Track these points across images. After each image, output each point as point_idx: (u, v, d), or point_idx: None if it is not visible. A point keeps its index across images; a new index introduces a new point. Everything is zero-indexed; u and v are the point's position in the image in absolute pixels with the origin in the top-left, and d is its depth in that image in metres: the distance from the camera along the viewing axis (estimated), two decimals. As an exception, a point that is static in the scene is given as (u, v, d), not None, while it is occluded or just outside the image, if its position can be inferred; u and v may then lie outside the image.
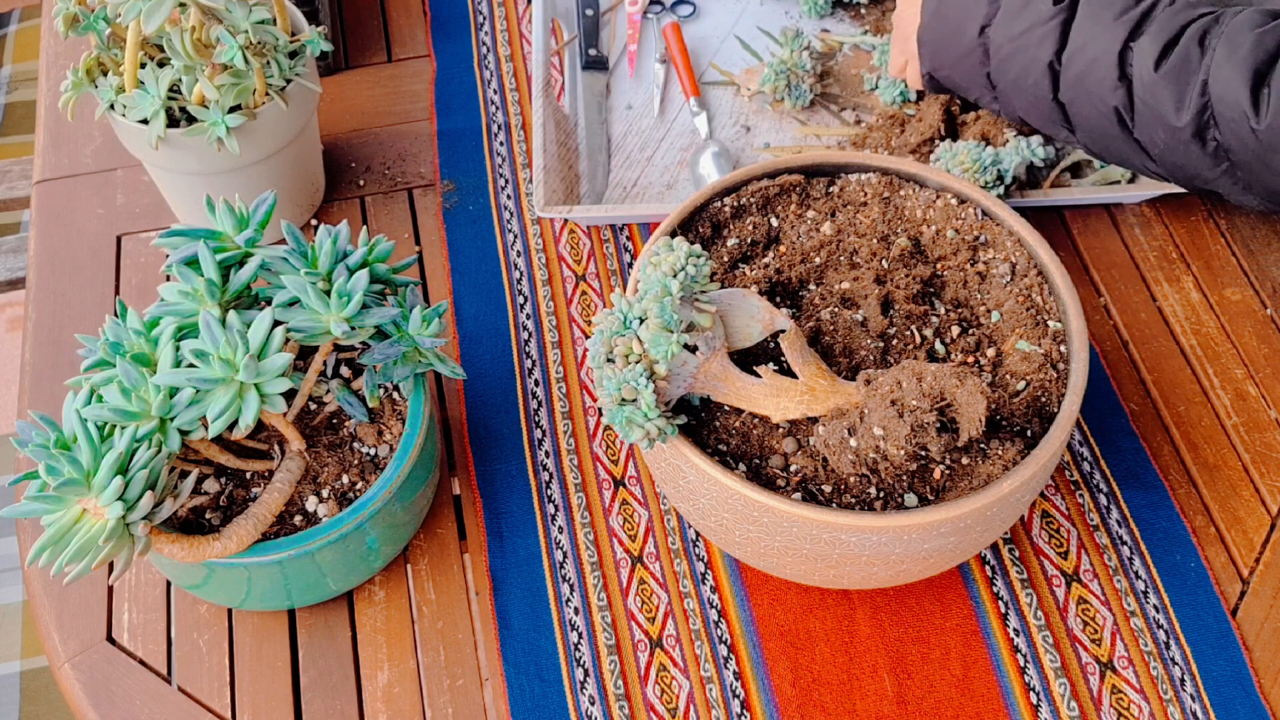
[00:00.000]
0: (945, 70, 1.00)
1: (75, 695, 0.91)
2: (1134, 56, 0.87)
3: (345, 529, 0.84)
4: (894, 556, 0.81)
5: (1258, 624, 0.93)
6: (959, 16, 0.96)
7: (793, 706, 0.89)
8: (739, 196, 0.95)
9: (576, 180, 1.17)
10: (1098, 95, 0.90)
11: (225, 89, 0.97)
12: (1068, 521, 0.97)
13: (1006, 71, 0.95)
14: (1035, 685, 0.89)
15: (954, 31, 0.97)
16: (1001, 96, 0.97)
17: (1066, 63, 0.91)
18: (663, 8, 1.32)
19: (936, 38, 0.99)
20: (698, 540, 0.96)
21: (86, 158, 1.22)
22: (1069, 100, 0.92)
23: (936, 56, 0.99)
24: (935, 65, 1.01)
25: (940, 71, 1.01)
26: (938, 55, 0.99)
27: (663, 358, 0.76)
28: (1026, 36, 0.92)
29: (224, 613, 0.94)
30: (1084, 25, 0.90)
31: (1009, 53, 0.93)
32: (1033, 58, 0.92)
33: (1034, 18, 0.91)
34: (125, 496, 0.74)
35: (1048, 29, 0.91)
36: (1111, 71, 0.88)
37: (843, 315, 0.88)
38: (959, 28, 0.96)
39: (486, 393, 1.05)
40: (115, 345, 0.79)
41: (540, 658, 0.91)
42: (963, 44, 0.96)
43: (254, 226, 0.84)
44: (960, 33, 0.96)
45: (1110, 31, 0.88)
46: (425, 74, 1.29)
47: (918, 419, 0.78)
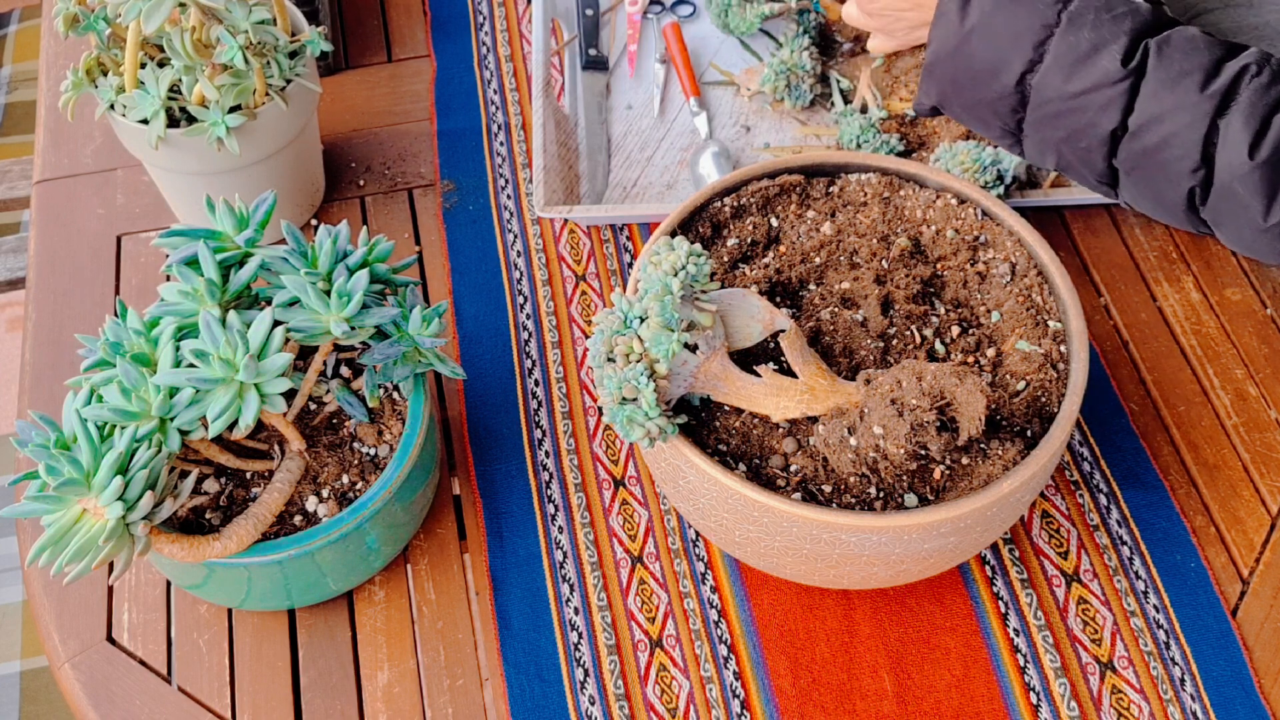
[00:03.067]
0: (958, 108, 0.87)
1: (75, 695, 0.91)
2: (1221, 139, 0.75)
3: (345, 529, 0.84)
4: (894, 556, 0.81)
5: (1258, 624, 0.93)
6: (991, 58, 0.81)
7: (793, 706, 0.89)
8: (739, 196, 0.95)
9: (576, 180, 1.17)
10: (1171, 174, 0.78)
11: (225, 89, 0.97)
12: (1068, 521, 0.97)
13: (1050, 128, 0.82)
14: (1035, 685, 0.89)
15: (983, 73, 0.82)
16: (1030, 145, 0.84)
17: (1135, 132, 0.78)
18: (663, 8, 1.32)
19: (955, 75, 0.84)
20: (698, 540, 0.96)
21: (86, 158, 1.22)
22: (1128, 169, 0.80)
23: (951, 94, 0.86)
24: (945, 100, 0.88)
25: (950, 107, 0.88)
26: (953, 94, 0.86)
27: (663, 356, 0.76)
28: (1087, 98, 0.78)
29: (224, 613, 0.94)
30: (1159, 93, 0.76)
31: (1059, 110, 0.80)
32: (1091, 122, 0.79)
33: (1098, 77, 0.77)
34: (125, 496, 0.74)
35: (1114, 93, 0.77)
36: (1193, 152, 0.76)
37: (843, 315, 0.88)
38: (990, 71, 0.82)
39: (486, 393, 1.05)
40: (115, 345, 0.79)
41: (540, 658, 0.91)
42: (993, 89, 0.82)
43: (254, 226, 0.84)
44: (991, 76, 0.82)
45: (1195, 107, 0.75)
46: (425, 74, 1.29)
47: (917, 418, 0.78)
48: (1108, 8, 0.79)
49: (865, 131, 1.15)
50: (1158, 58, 0.76)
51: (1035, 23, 0.79)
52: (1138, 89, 0.77)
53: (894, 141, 1.15)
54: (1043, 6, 0.80)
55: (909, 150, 1.16)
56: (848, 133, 1.16)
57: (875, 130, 1.15)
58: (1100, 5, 0.79)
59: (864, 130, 1.15)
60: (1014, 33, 0.80)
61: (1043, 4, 0.80)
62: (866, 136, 1.15)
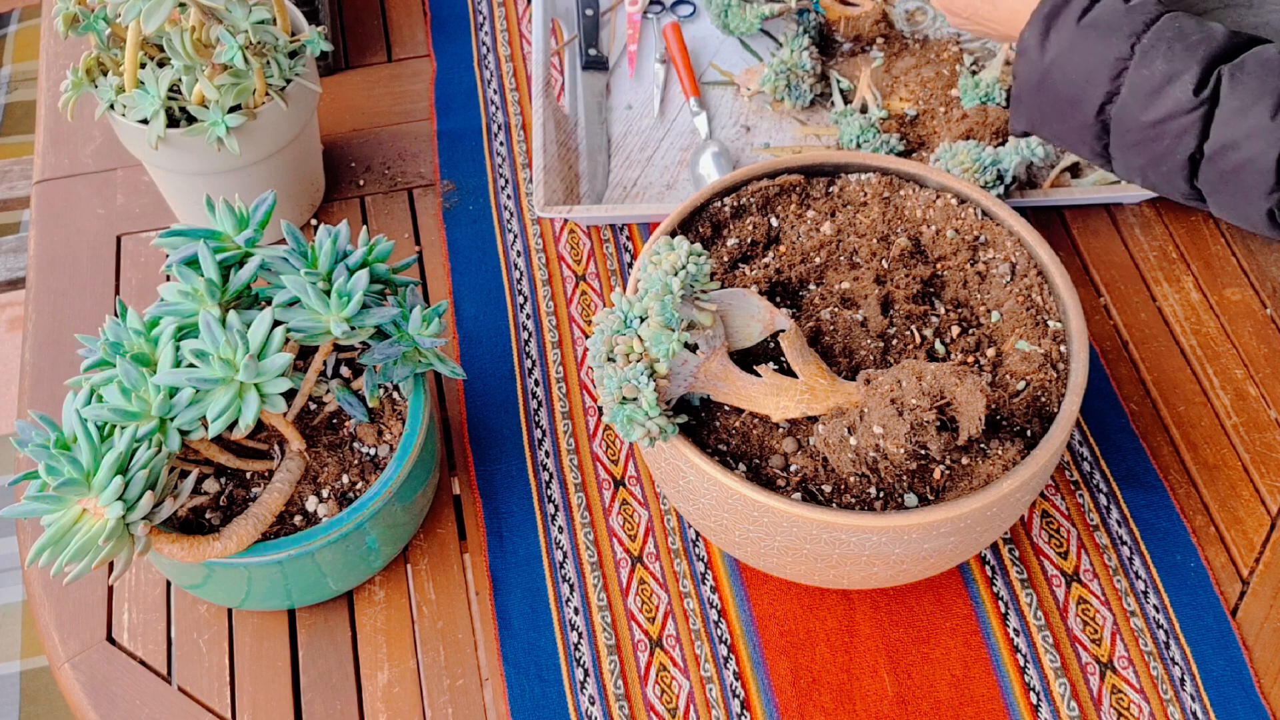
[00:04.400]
0: (1048, 134, 0.89)
1: (75, 695, 0.91)
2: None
3: (345, 529, 0.84)
4: (894, 556, 0.81)
5: (1258, 624, 0.93)
6: (1071, 92, 0.84)
7: (793, 706, 0.89)
8: (739, 196, 0.95)
9: (576, 180, 1.17)
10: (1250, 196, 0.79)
11: (225, 89, 0.97)
12: (1068, 521, 0.97)
13: (1133, 155, 0.83)
14: (1035, 685, 0.89)
15: (1065, 105, 0.85)
16: (1119, 167, 0.86)
17: (1211, 157, 0.79)
18: (663, 8, 1.32)
19: (1041, 106, 0.87)
20: (698, 540, 0.96)
21: (86, 158, 1.22)
22: (1210, 191, 0.82)
23: (1040, 123, 0.89)
24: (1035, 128, 0.90)
25: (1041, 133, 0.90)
26: (1042, 123, 0.88)
27: (663, 356, 0.76)
28: (1163, 127, 0.80)
29: (224, 613, 0.94)
30: (1233, 120, 0.78)
31: (1139, 140, 0.82)
32: (1169, 149, 0.81)
33: (1172, 106, 0.79)
34: (125, 496, 0.74)
35: (1189, 120, 0.79)
36: (1268, 178, 0.78)
37: (843, 315, 0.88)
38: (1072, 103, 0.84)
39: (486, 393, 1.05)
40: (115, 345, 0.79)
41: (540, 658, 0.91)
42: (1076, 119, 0.85)
43: (254, 226, 0.84)
44: (1073, 108, 0.84)
45: (1267, 133, 0.77)
46: (425, 74, 1.29)
47: (917, 417, 0.78)
48: (1180, 36, 0.80)
49: (865, 131, 1.15)
50: (1230, 84, 0.77)
51: (1110, 56, 0.81)
52: (1212, 116, 0.78)
53: (894, 141, 1.15)
54: (1116, 40, 0.81)
55: (909, 150, 1.16)
56: (848, 133, 1.16)
57: (875, 130, 1.15)
58: (1173, 35, 0.80)
59: (864, 130, 1.15)
60: (1090, 67, 0.82)
61: (1117, 37, 0.81)
62: (866, 136, 1.15)
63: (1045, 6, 0.85)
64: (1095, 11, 0.83)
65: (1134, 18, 0.82)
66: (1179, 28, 0.80)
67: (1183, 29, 0.80)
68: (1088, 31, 0.82)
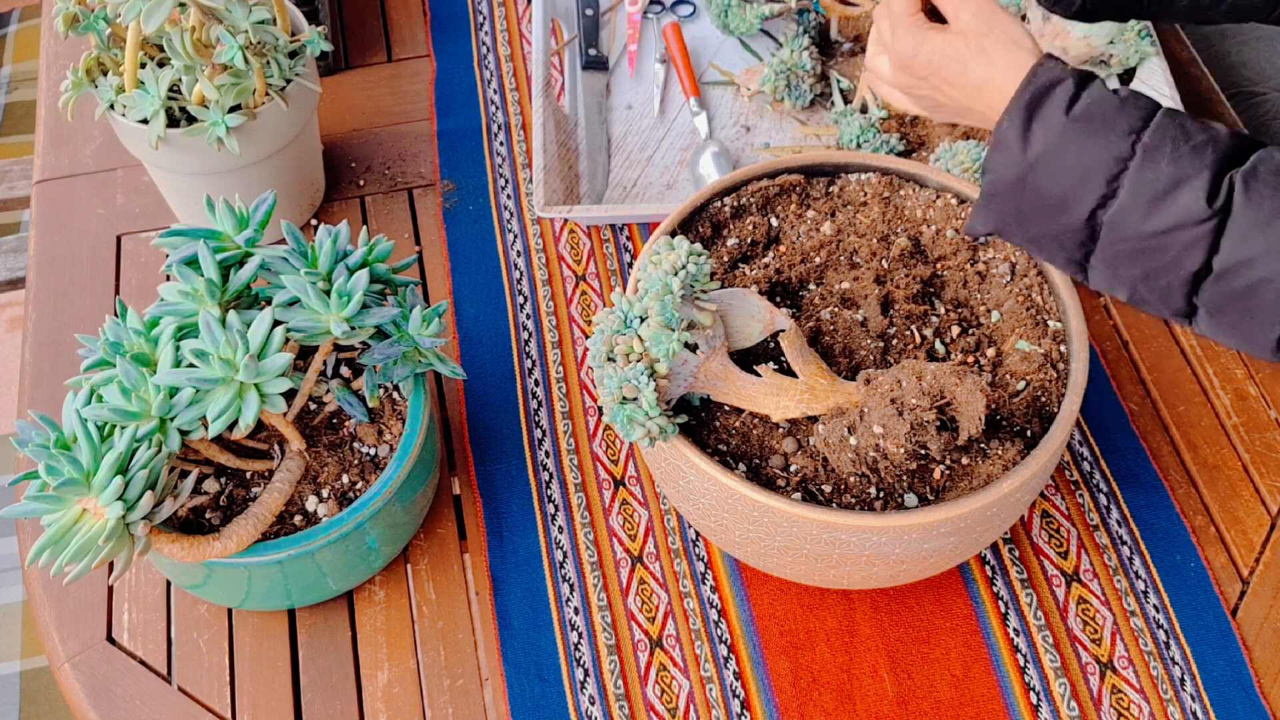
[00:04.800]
0: (1019, 238, 0.78)
1: (75, 695, 0.91)
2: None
3: (345, 529, 0.84)
4: (894, 556, 0.81)
5: (1258, 624, 0.93)
6: (1057, 193, 0.73)
7: (793, 706, 0.89)
8: (739, 196, 0.95)
9: (576, 180, 1.17)
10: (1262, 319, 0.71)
11: (225, 89, 0.97)
12: (1068, 521, 0.97)
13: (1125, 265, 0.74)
14: (1035, 685, 0.89)
15: (1050, 206, 0.74)
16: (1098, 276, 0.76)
17: (1220, 274, 0.70)
18: (663, 8, 1.32)
19: (1017, 207, 0.75)
20: (698, 540, 0.96)
21: (86, 158, 1.22)
22: (1212, 310, 0.73)
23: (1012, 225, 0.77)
24: (1004, 229, 0.78)
25: (1010, 236, 0.78)
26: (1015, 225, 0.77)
27: (663, 356, 0.76)
28: (1168, 238, 0.70)
29: (224, 613, 0.94)
30: (1249, 236, 0.69)
31: (1135, 249, 0.72)
32: (1173, 262, 0.71)
33: (1179, 216, 0.70)
34: (125, 496, 0.74)
35: (1199, 232, 0.70)
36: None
37: (843, 315, 0.88)
38: (1059, 205, 0.73)
39: (486, 393, 1.05)
40: (115, 345, 0.79)
41: (540, 658, 0.91)
42: (1060, 223, 0.74)
43: (254, 226, 0.84)
44: (1060, 210, 0.74)
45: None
46: (425, 74, 1.29)
47: (917, 417, 0.78)
48: (1185, 137, 0.71)
49: (865, 131, 1.15)
50: (1245, 194, 0.69)
51: (1107, 155, 0.72)
52: (1224, 228, 0.70)
53: (894, 141, 1.15)
54: (1115, 137, 0.72)
55: (909, 150, 1.16)
56: (848, 133, 1.16)
57: (875, 130, 1.15)
58: (1177, 134, 0.71)
59: (864, 130, 1.15)
60: (1084, 166, 0.72)
61: (1115, 134, 0.72)
62: (866, 136, 1.15)
63: (1026, 94, 0.74)
64: (1085, 103, 0.73)
65: (1130, 112, 0.72)
66: (1181, 125, 0.72)
67: (1185, 128, 0.72)
68: (1080, 125, 0.72)
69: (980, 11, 0.77)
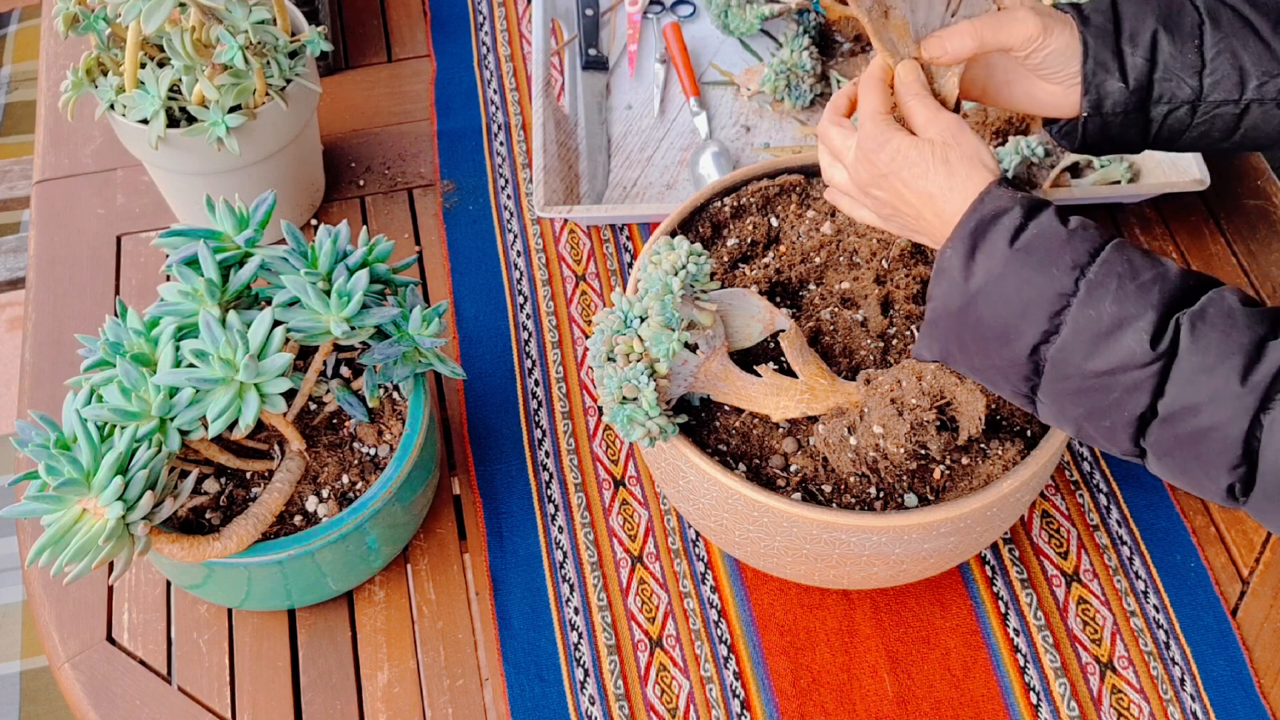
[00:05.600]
0: (964, 368, 0.76)
1: (75, 695, 0.91)
2: (1266, 435, 0.66)
3: (345, 529, 0.84)
4: (894, 556, 0.81)
5: (1258, 624, 0.93)
6: (999, 326, 0.71)
7: (793, 706, 0.89)
8: (739, 196, 0.95)
9: (576, 180, 1.17)
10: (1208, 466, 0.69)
11: (225, 89, 0.97)
12: (1068, 521, 0.97)
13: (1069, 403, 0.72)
14: (1035, 685, 0.89)
15: (991, 339, 0.72)
16: (1045, 411, 0.74)
17: (1165, 419, 0.68)
18: (663, 8, 1.32)
19: (960, 336, 0.74)
20: (698, 540, 0.96)
21: (86, 158, 1.22)
22: (1159, 454, 0.71)
23: (956, 354, 0.75)
24: (949, 358, 0.76)
25: (955, 365, 0.77)
26: (959, 354, 0.75)
27: (664, 356, 0.76)
28: (1112, 379, 0.68)
29: (224, 613, 0.94)
30: (1196, 379, 0.67)
31: (1078, 388, 0.70)
32: (1116, 403, 0.69)
33: (1124, 356, 0.68)
34: (125, 496, 0.74)
35: (1143, 375, 0.67)
36: (1234, 449, 0.67)
37: (843, 315, 0.88)
38: (1000, 337, 0.71)
39: (486, 393, 1.05)
40: (115, 345, 0.79)
41: (540, 658, 0.91)
42: (1002, 356, 0.72)
43: (254, 226, 0.84)
44: (1001, 343, 0.72)
45: (1235, 400, 0.66)
46: (425, 74, 1.29)
47: (917, 417, 0.78)
48: (1132, 274, 0.69)
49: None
50: (1191, 338, 0.67)
51: (1050, 290, 0.69)
52: (1169, 371, 0.68)
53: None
54: (1058, 272, 0.70)
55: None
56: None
57: None
58: (1124, 271, 0.69)
59: None
60: (1026, 300, 0.70)
61: (1058, 269, 0.70)
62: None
63: (971, 221, 0.72)
64: (1030, 233, 0.71)
65: (1077, 246, 0.70)
66: (1129, 261, 0.69)
67: (1133, 264, 0.69)
68: (1023, 257, 0.70)
69: (949, 126, 0.75)
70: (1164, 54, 0.81)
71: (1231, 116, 0.82)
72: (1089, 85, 0.80)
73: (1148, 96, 0.81)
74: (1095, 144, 0.85)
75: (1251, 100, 0.81)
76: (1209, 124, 0.82)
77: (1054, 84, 0.82)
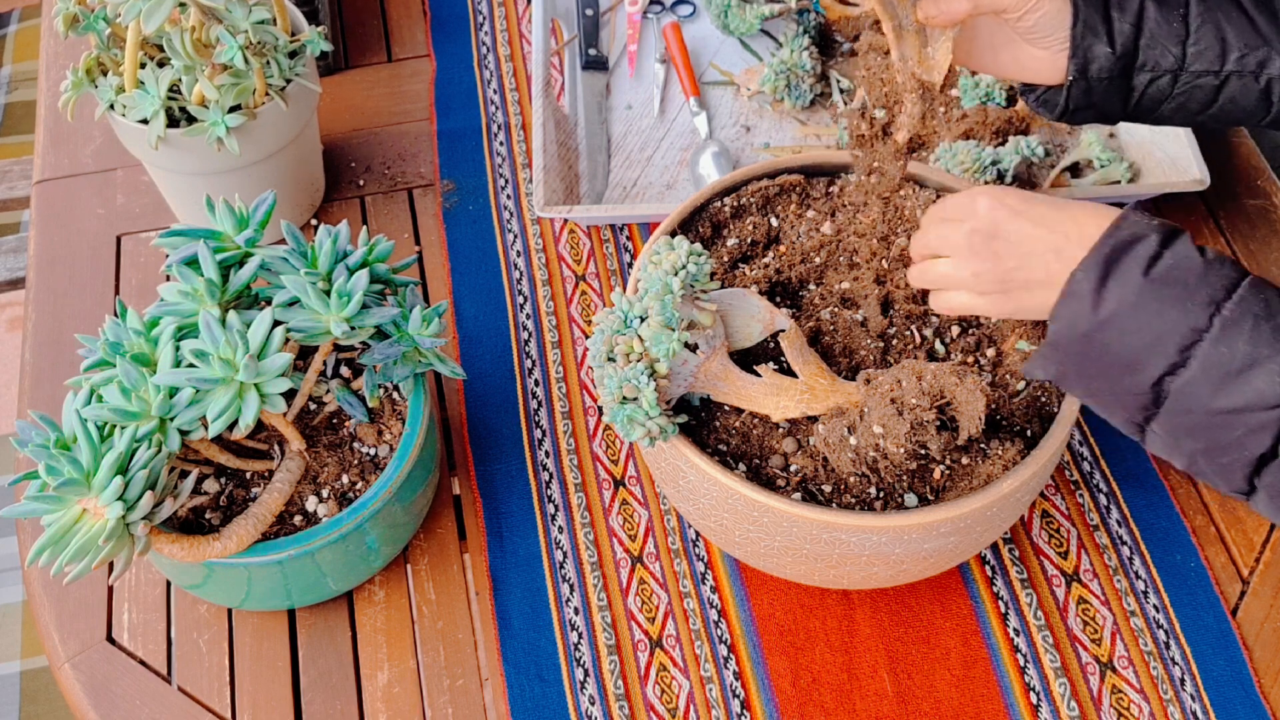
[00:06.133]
0: (1079, 391, 0.75)
1: (75, 695, 0.91)
2: None
3: (345, 529, 0.84)
4: (894, 556, 0.81)
5: (1258, 624, 0.92)
6: (1126, 355, 0.70)
7: (793, 706, 0.89)
8: (739, 196, 0.95)
9: (576, 180, 1.17)
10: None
11: (225, 89, 0.97)
12: (1068, 521, 0.97)
13: (1187, 437, 0.71)
14: (1035, 685, 0.89)
15: (1116, 366, 0.71)
16: (1156, 442, 0.73)
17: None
18: (663, 8, 1.32)
19: (1082, 361, 0.73)
20: (698, 540, 0.96)
21: (86, 158, 1.22)
22: (1273, 494, 0.70)
23: (1073, 377, 0.74)
24: (1064, 379, 0.76)
25: (1069, 386, 0.76)
26: (1076, 378, 0.74)
27: (664, 356, 0.76)
28: (1236, 418, 0.68)
29: (224, 613, 0.94)
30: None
31: (1200, 424, 0.69)
32: (1237, 442, 0.68)
33: (1252, 397, 0.67)
34: (125, 496, 0.74)
35: (1269, 418, 0.67)
36: None
37: (843, 315, 0.88)
38: (1126, 366, 0.70)
39: (486, 393, 1.05)
40: (115, 345, 0.79)
41: (540, 658, 0.91)
42: (1124, 384, 0.71)
43: (254, 226, 0.84)
44: (1126, 371, 0.71)
45: None
46: (425, 74, 1.29)
47: (917, 417, 0.78)
48: (1268, 315, 0.68)
49: (865, 131, 1.15)
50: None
51: (1183, 324, 0.68)
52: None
53: (894, 141, 1.15)
54: (1194, 306, 0.69)
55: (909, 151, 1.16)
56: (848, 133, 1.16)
57: None
58: (1260, 312, 0.69)
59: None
60: (1157, 332, 0.69)
61: (1194, 304, 0.69)
62: (866, 136, 1.15)
63: (1106, 246, 0.71)
64: (1166, 262, 0.70)
65: (1213, 280, 0.69)
66: (1265, 301, 0.69)
67: (1269, 304, 0.69)
68: (1158, 288, 0.69)
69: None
70: (1150, 21, 0.83)
71: (1211, 88, 0.84)
72: (1076, 49, 0.83)
73: (1132, 63, 0.84)
74: (1077, 110, 0.86)
75: (1231, 72, 0.83)
76: (1188, 94, 0.84)
77: (1042, 49, 0.84)
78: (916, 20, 0.82)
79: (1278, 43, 0.82)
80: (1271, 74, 0.82)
